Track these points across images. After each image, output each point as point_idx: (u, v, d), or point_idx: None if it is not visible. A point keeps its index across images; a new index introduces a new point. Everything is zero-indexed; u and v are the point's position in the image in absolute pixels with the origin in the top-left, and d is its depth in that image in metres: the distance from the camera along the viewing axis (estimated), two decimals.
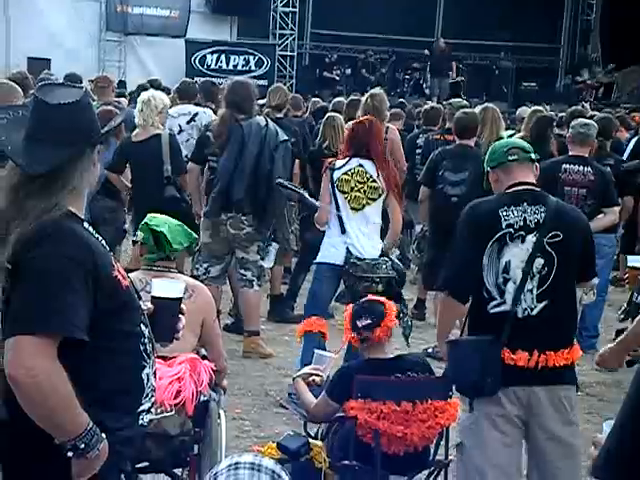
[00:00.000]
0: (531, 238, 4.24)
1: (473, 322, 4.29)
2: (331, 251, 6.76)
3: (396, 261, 6.89)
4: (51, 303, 2.60)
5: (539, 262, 4.24)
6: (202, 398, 4.37)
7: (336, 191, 6.74)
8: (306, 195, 7.46)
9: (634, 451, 1.86)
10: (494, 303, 4.21)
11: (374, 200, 6.73)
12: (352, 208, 6.73)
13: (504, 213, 4.25)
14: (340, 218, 6.74)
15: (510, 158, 4.41)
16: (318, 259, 6.91)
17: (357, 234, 6.70)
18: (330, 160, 6.99)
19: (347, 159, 6.79)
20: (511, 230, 4.23)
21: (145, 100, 8.03)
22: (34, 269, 2.63)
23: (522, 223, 4.25)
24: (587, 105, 16.87)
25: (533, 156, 4.47)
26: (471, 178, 7.62)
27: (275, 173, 7.46)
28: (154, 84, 13.53)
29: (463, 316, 4.35)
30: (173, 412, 4.25)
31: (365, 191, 6.71)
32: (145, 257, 4.62)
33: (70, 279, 2.62)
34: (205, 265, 7.67)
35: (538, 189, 4.42)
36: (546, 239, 4.25)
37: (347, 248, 6.66)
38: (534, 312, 4.23)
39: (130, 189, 8.15)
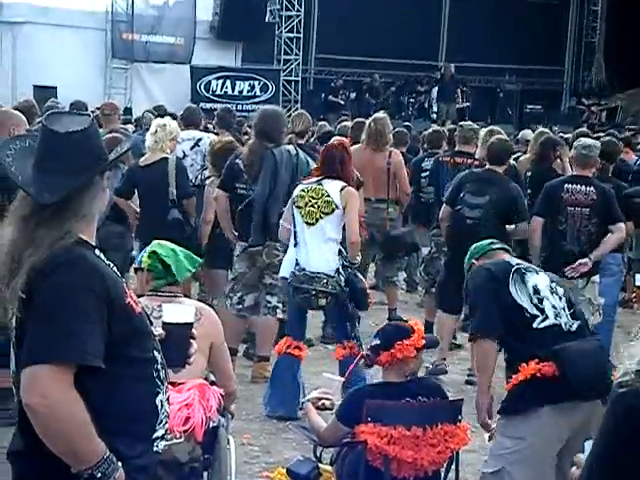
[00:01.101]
0: (543, 274, 4.77)
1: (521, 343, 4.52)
2: (286, 265, 6.96)
3: (358, 277, 6.95)
4: (65, 332, 2.60)
5: (560, 289, 4.70)
6: (211, 424, 4.35)
7: (293, 207, 6.90)
8: None
9: None
10: (539, 320, 4.53)
11: (327, 214, 6.83)
12: (306, 222, 6.86)
13: (508, 258, 4.90)
14: (295, 233, 6.88)
15: (494, 247, 5.02)
16: (281, 274, 7.08)
17: (309, 247, 6.84)
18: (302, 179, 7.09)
19: (314, 179, 6.95)
20: (521, 265, 4.75)
21: (161, 124, 8.18)
22: (47, 298, 2.63)
23: (527, 264, 4.86)
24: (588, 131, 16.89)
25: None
26: (489, 203, 7.68)
27: None
28: (159, 110, 13.60)
29: (495, 357, 4.66)
30: (182, 439, 4.23)
31: (319, 206, 6.83)
32: (153, 283, 4.62)
33: (83, 307, 2.62)
34: (239, 294, 7.68)
35: None
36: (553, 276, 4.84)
37: (296, 259, 6.79)
38: (573, 328, 4.57)
39: (138, 213, 8.20)
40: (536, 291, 4.58)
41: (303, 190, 6.91)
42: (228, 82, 22.83)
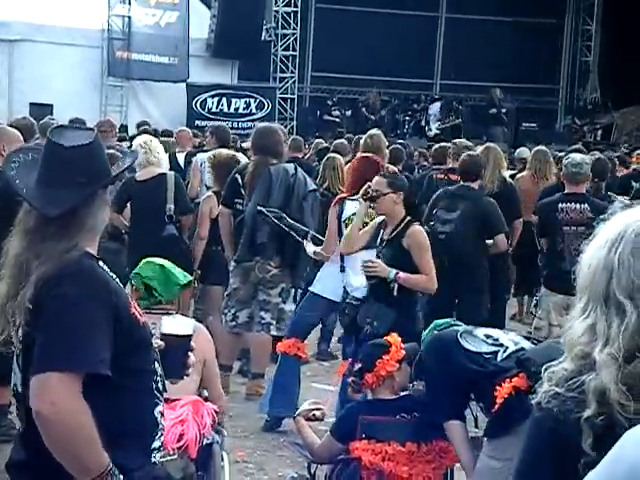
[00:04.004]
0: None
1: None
2: (329, 287, 6.85)
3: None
4: (75, 340, 2.61)
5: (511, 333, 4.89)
6: (205, 441, 4.34)
7: (343, 229, 6.75)
8: (288, 219, 7.41)
9: None
10: (500, 352, 4.46)
11: None
12: None
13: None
14: (342, 256, 6.76)
15: (453, 323, 4.91)
16: (316, 290, 6.99)
17: (357, 273, 6.72)
18: (342, 196, 6.98)
19: (357, 197, 6.80)
20: (467, 327, 4.75)
21: (145, 140, 8.22)
22: (57, 307, 2.64)
23: (472, 327, 4.86)
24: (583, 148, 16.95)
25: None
26: (460, 217, 7.66)
27: (306, 223, 7.42)
28: (143, 126, 13.68)
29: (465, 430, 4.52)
30: (176, 456, 4.22)
31: None
32: (138, 302, 4.62)
33: (93, 316, 2.64)
34: (233, 310, 7.64)
35: None
36: None
37: (344, 287, 6.70)
38: None
39: (128, 227, 8.18)
40: (488, 336, 4.54)
41: (354, 214, 6.67)
42: (224, 100, 22.86)
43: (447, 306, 7.78)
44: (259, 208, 7.34)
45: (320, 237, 7.15)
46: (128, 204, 8.12)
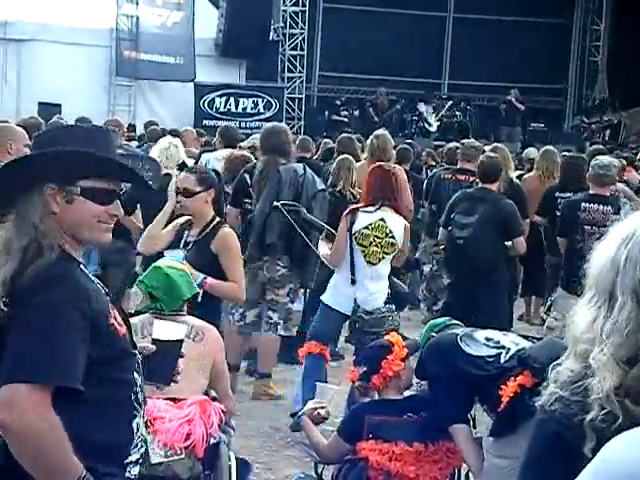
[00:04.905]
0: (489, 329, 4.85)
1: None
2: (340, 299, 6.82)
3: (398, 283, 6.95)
4: (48, 352, 2.53)
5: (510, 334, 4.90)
6: (212, 440, 4.34)
7: (354, 243, 6.72)
8: (306, 213, 7.39)
9: None
10: (503, 354, 4.42)
11: (388, 254, 6.76)
12: (368, 262, 6.73)
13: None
14: (352, 269, 6.74)
15: (449, 323, 4.91)
16: (326, 301, 6.92)
17: (367, 286, 6.73)
18: (354, 207, 6.95)
19: (370, 210, 6.76)
20: (466, 330, 4.78)
21: (175, 143, 8.32)
22: (31, 316, 2.55)
23: (471, 329, 4.89)
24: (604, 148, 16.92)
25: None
26: (479, 222, 7.63)
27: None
28: (150, 126, 13.68)
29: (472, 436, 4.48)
30: (183, 455, 4.22)
31: (382, 246, 6.72)
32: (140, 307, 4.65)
33: (69, 327, 2.55)
34: (241, 310, 7.60)
35: None
36: None
37: (355, 299, 6.69)
38: None
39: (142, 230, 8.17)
40: (489, 339, 4.50)
41: (367, 227, 6.70)
42: (232, 99, 22.86)
43: (466, 310, 7.78)
44: (275, 203, 7.34)
45: (334, 232, 7.11)
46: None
